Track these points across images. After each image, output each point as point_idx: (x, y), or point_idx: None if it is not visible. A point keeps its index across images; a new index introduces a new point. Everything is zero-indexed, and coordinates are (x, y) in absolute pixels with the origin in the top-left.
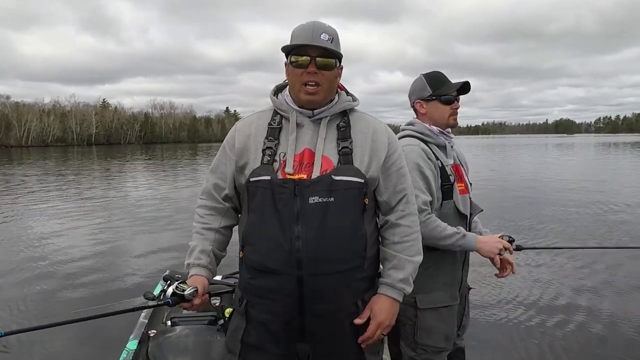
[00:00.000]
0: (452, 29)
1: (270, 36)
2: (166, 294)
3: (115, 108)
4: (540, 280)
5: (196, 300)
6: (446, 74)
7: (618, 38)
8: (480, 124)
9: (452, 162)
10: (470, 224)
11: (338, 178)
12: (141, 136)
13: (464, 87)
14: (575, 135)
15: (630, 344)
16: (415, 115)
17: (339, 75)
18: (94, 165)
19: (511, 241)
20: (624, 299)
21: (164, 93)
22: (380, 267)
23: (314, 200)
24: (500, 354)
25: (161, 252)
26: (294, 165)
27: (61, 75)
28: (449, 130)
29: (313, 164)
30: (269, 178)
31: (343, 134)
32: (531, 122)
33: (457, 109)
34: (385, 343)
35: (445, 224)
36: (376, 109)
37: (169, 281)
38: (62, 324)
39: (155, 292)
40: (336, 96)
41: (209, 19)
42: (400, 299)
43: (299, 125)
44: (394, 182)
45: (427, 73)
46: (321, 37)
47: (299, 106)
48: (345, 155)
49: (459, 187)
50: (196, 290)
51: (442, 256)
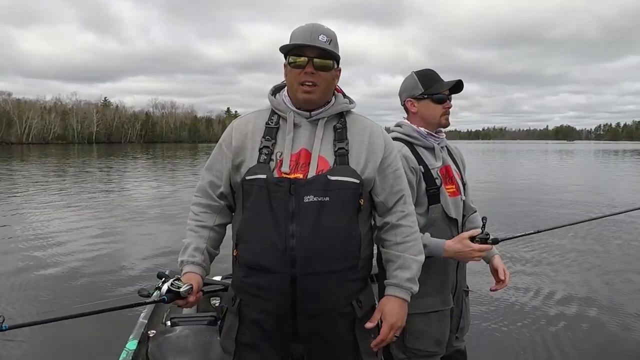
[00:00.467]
0: (454, 33)
1: (270, 36)
2: (161, 291)
3: (117, 107)
4: (539, 281)
5: (191, 298)
6: (447, 78)
7: (620, 45)
8: (480, 129)
9: (441, 165)
10: (463, 226)
11: (333, 178)
12: (142, 135)
13: (457, 86)
14: (575, 142)
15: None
16: (405, 115)
17: (337, 77)
18: (95, 163)
19: (486, 238)
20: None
21: (165, 92)
22: (374, 269)
23: (309, 199)
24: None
25: (160, 250)
26: (290, 165)
27: (62, 72)
28: (441, 130)
29: (309, 164)
30: (264, 177)
31: (340, 136)
32: (531, 128)
33: (449, 108)
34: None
35: None
36: (377, 112)
37: (163, 278)
38: (64, 318)
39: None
40: (333, 98)
41: (209, 18)
42: (408, 299)
43: (296, 126)
44: (390, 183)
45: (419, 71)
46: (319, 38)
47: (296, 107)
48: (342, 156)
49: (449, 190)
50: (191, 287)
51: (431, 261)
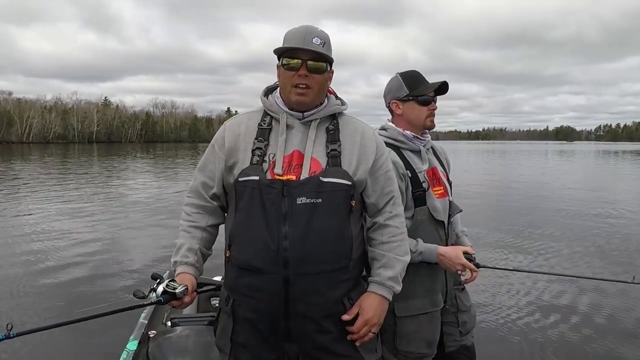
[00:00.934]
0: (454, 33)
1: (270, 36)
2: (157, 292)
3: (117, 106)
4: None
5: (186, 299)
6: (448, 79)
7: (620, 46)
8: (480, 129)
9: (427, 167)
10: (448, 227)
11: (326, 180)
12: (142, 135)
13: (442, 87)
14: (575, 142)
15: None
16: (390, 117)
17: (329, 79)
18: (95, 163)
19: (471, 259)
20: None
21: (165, 92)
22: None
23: (302, 200)
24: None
25: (155, 250)
26: (283, 166)
27: (62, 71)
28: (426, 131)
29: (302, 165)
30: (257, 178)
31: (332, 137)
32: (531, 129)
33: (434, 109)
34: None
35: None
36: (377, 112)
37: (157, 279)
38: (66, 324)
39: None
40: (326, 100)
41: (209, 18)
42: (389, 297)
43: (288, 127)
44: (381, 185)
45: (404, 72)
46: (313, 41)
47: (289, 108)
48: (334, 158)
49: (437, 192)
50: (186, 288)
51: (419, 263)
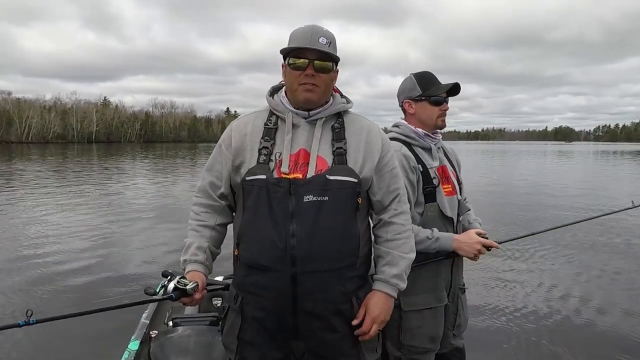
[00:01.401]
0: (455, 34)
1: (270, 36)
2: (167, 289)
3: (116, 106)
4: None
5: (197, 295)
6: (448, 80)
7: (620, 47)
8: (480, 130)
9: (437, 164)
10: (458, 223)
11: (332, 178)
12: (141, 135)
13: (454, 89)
14: (574, 143)
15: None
16: (403, 115)
17: (335, 78)
18: (95, 163)
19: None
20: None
21: (165, 92)
22: (372, 266)
23: (308, 199)
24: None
25: (163, 249)
26: (289, 165)
27: (62, 71)
28: (438, 131)
29: (308, 164)
30: (264, 177)
31: (338, 135)
32: (531, 129)
33: (446, 110)
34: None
35: (419, 228)
36: (377, 112)
37: (168, 277)
38: (83, 314)
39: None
40: (331, 98)
41: (210, 18)
42: (394, 295)
43: (294, 126)
44: (387, 182)
45: (417, 73)
46: (319, 41)
47: (295, 107)
48: (340, 156)
49: (445, 189)
50: (197, 284)
51: (426, 258)
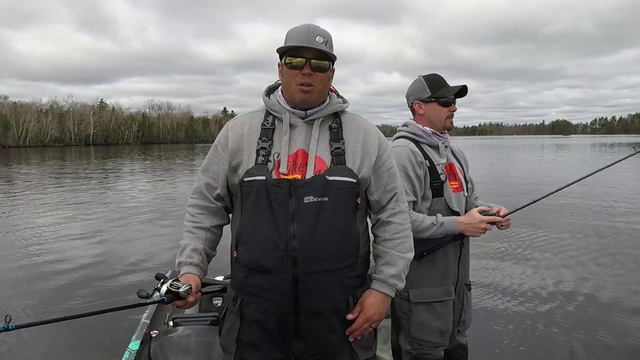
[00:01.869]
0: (450, 30)
1: (267, 36)
2: (160, 291)
3: (113, 108)
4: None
5: (190, 298)
6: (444, 76)
7: (615, 40)
8: (477, 125)
9: (445, 161)
10: None
11: (331, 178)
12: (139, 136)
13: (462, 91)
14: (571, 136)
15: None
16: (412, 116)
17: (332, 77)
18: (92, 166)
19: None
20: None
21: (161, 93)
22: (372, 265)
23: (308, 199)
24: (504, 353)
25: (158, 251)
26: (288, 166)
27: (58, 74)
28: (445, 132)
29: (307, 164)
30: (263, 178)
31: (335, 135)
32: (528, 123)
33: (454, 111)
34: (383, 338)
35: (423, 216)
36: (373, 109)
37: (161, 279)
38: (67, 318)
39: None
40: (328, 98)
41: (204, 18)
42: (392, 295)
43: (292, 126)
44: (384, 182)
45: (427, 75)
46: (316, 40)
47: (291, 107)
48: (338, 156)
49: (453, 185)
50: (190, 287)
51: (433, 253)
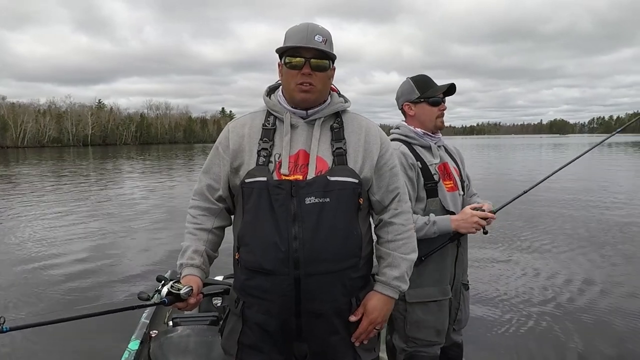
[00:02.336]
0: (448, 29)
1: (265, 36)
2: (161, 293)
3: (111, 108)
4: (536, 270)
5: (191, 300)
6: (442, 75)
7: (613, 39)
8: (475, 124)
9: (438, 162)
10: None
11: (333, 179)
12: (137, 137)
13: (450, 89)
14: (569, 135)
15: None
16: (403, 118)
17: (332, 76)
18: (91, 166)
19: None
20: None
21: (159, 93)
22: (375, 265)
23: (310, 200)
24: (498, 351)
25: (159, 253)
26: (289, 167)
27: (55, 75)
28: (438, 132)
29: (308, 165)
30: (265, 179)
31: (337, 135)
32: (526, 123)
33: (444, 110)
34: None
35: (417, 216)
36: (372, 109)
37: (162, 281)
38: (62, 320)
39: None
40: (329, 97)
41: (202, 18)
42: (395, 297)
43: (293, 127)
44: (386, 182)
45: (414, 77)
46: (315, 39)
47: (292, 107)
48: (340, 156)
49: (447, 185)
50: (191, 289)
51: (431, 254)
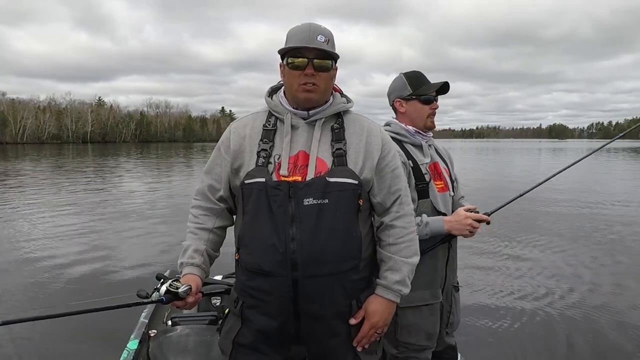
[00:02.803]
0: (449, 32)
1: (265, 36)
2: (160, 291)
3: (111, 106)
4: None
5: (190, 299)
6: (442, 78)
7: (613, 44)
8: (474, 128)
9: (429, 161)
10: None
11: (332, 180)
12: (136, 135)
13: (443, 88)
14: (567, 140)
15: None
16: (394, 115)
17: (334, 76)
18: (90, 163)
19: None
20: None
21: (159, 92)
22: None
23: (308, 202)
24: (493, 352)
25: (158, 251)
26: (288, 168)
27: (55, 72)
28: (429, 131)
29: (308, 166)
30: (263, 180)
31: (337, 136)
32: (525, 127)
33: (436, 108)
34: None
35: None
36: (372, 110)
37: (162, 279)
38: (58, 316)
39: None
40: (331, 97)
41: (202, 18)
42: (397, 300)
43: (293, 127)
44: (388, 183)
45: (407, 72)
46: (317, 39)
47: (294, 107)
48: (339, 157)
49: (438, 185)
50: (190, 288)
51: (421, 255)
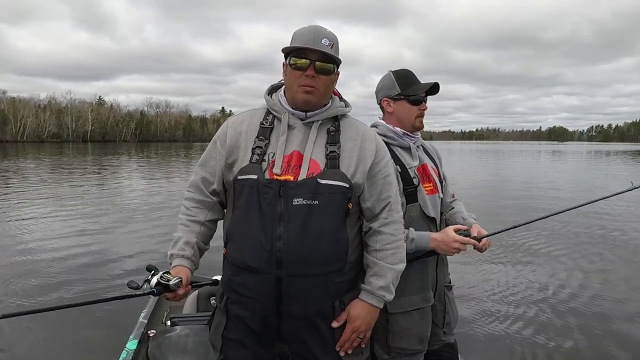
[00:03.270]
0: (449, 34)
1: (265, 36)
2: (150, 283)
3: (111, 105)
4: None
5: (180, 291)
6: (442, 80)
7: (613, 47)
8: (474, 130)
9: (417, 164)
10: (441, 223)
11: (323, 181)
12: (137, 134)
13: (433, 88)
14: (567, 143)
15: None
16: (381, 114)
17: (335, 80)
18: (90, 162)
19: (467, 235)
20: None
21: (159, 91)
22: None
23: (298, 202)
24: (492, 350)
25: (150, 244)
26: (282, 166)
27: (56, 70)
28: (417, 131)
29: (300, 166)
30: (255, 177)
31: (332, 139)
32: (525, 129)
33: (425, 110)
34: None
35: None
36: (371, 112)
37: (152, 271)
38: (52, 309)
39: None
40: (330, 101)
41: (202, 18)
42: (380, 306)
43: (290, 127)
44: (378, 190)
45: (397, 71)
46: (322, 42)
47: (292, 107)
48: (333, 160)
49: (426, 188)
50: (180, 280)
51: (411, 261)
